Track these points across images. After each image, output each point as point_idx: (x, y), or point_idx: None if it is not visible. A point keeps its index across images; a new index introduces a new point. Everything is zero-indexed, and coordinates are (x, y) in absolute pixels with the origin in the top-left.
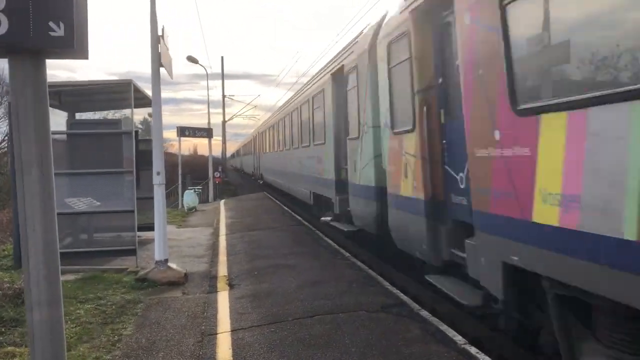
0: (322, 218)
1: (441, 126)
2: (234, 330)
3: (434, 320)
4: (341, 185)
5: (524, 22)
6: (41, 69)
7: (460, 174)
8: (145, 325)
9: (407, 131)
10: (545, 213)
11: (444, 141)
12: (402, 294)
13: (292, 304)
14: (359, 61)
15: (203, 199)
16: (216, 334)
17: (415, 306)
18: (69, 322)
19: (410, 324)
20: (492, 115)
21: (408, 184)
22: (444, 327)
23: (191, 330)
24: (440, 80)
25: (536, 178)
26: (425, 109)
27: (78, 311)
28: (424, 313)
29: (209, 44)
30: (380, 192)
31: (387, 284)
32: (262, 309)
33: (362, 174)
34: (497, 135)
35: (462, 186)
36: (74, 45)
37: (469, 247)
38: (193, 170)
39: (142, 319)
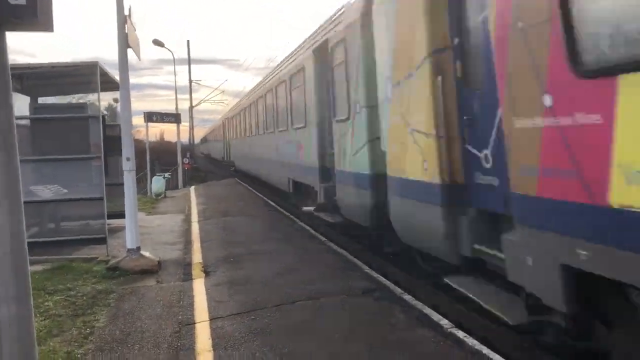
0: (304, 208)
1: (459, 97)
2: (212, 319)
3: (418, 304)
4: (326, 172)
5: None
6: (1, 42)
7: (485, 151)
8: (118, 316)
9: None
10: (631, 196)
11: (463, 116)
12: (383, 278)
13: (271, 291)
14: (347, 33)
15: (172, 185)
16: (194, 323)
17: (397, 290)
18: (37, 315)
19: (393, 309)
20: (542, 77)
21: (417, 166)
22: (428, 311)
23: (167, 320)
24: (457, 40)
25: (613, 152)
26: (440, 77)
27: (47, 303)
28: (407, 297)
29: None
30: (376, 180)
31: (367, 269)
32: (241, 296)
33: (353, 160)
34: (548, 101)
35: (487, 166)
36: (37, 14)
37: (508, 245)
38: (161, 157)
39: (115, 309)
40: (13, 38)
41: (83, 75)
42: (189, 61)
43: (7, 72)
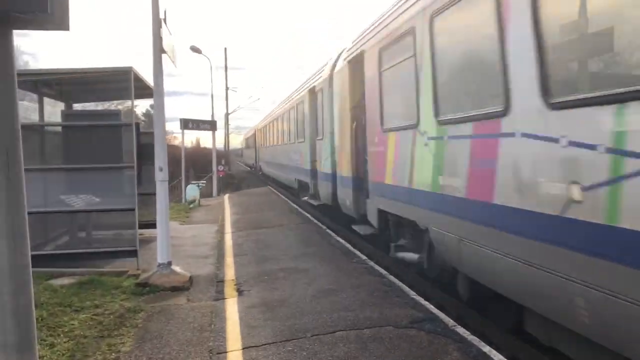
0: (303, 198)
1: (362, 131)
2: (245, 349)
3: (474, 339)
4: (315, 173)
5: (386, 83)
6: (6, 42)
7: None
8: (146, 339)
9: (344, 134)
10: (391, 180)
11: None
12: (431, 306)
13: (309, 317)
14: (322, 85)
15: (207, 193)
16: (226, 352)
17: (449, 321)
18: (62, 335)
19: (447, 344)
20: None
21: (344, 168)
22: (486, 349)
23: (197, 347)
24: (363, 102)
25: (387, 163)
26: (355, 122)
27: (72, 322)
28: (461, 330)
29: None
30: (334, 177)
31: (413, 294)
32: (276, 322)
33: (324, 165)
34: (375, 139)
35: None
36: (47, 9)
37: (368, 204)
38: (196, 163)
39: (142, 331)
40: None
41: (117, 82)
42: (226, 68)
43: (13, 78)
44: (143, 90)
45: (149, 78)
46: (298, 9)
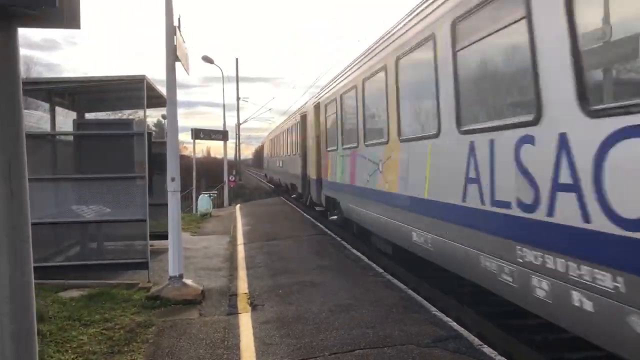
0: (292, 195)
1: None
2: None
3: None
4: (305, 178)
5: (327, 124)
6: (10, 41)
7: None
8: (157, 356)
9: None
10: (329, 177)
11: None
12: (455, 324)
13: (326, 334)
14: (305, 114)
15: (218, 204)
16: None
17: (474, 340)
18: (69, 351)
19: None
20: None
21: (312, 172)
22: None
23: None
24: (319, 132)
25: (328, 169)
26: (318, 143)
27: (81, 337)
28: (487, 350)
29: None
30: (316, 180)
31: (434, 310)
32: (292, 339)
33: (309, 172)
34: (323, 155)
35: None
36: (55, 3)
37: (323, 195)
38: (207, 172)
39: (153, 347)
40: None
41: (129, 90)
42: (237, 78)
43: (18, 82)
44: (156, 99)
45: (158, 84)
46: (298, 9)
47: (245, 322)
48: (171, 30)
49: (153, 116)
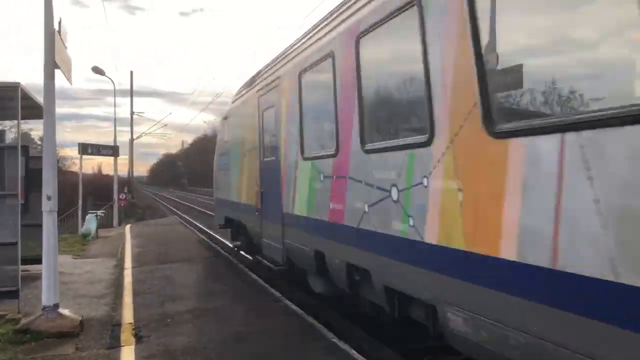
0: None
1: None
2: None
3: None
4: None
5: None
6: None
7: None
8: None
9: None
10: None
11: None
12: (356, 353)
13: None
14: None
15: (106, 224)
16: None
17: None
18: None
19: None
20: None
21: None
22: None
23: None
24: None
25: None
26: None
27: None
28: None
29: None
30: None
31: (333, 337)
32: None
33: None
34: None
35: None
36: None
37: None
38: (97, 190)
39: None
40: None
41: (2, 99)
42: (132, 91)
43: None
44: (36, 110)
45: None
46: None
47: (127, 356)
48: (50, 33)
49: (38, 129)
